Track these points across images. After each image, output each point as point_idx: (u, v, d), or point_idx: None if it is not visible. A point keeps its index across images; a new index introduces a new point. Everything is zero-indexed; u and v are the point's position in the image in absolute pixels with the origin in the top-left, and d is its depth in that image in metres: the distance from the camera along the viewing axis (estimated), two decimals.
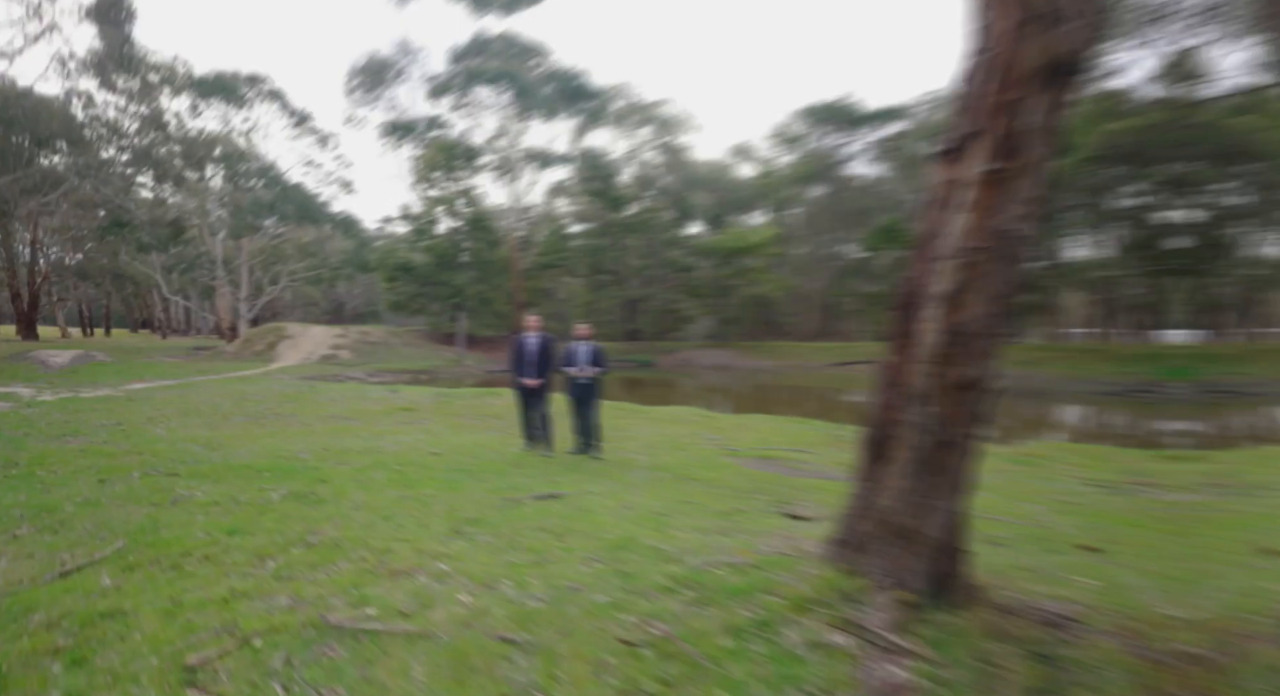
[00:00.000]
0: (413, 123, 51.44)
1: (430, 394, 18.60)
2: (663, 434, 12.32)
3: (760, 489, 7.92)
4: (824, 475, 8.88)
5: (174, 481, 7.08)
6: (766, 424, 13.67)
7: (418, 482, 7.56)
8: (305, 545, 4.98)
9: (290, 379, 25.96)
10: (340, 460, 8.80)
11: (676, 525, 5.87)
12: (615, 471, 8.72)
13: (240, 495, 6.53)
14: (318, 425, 12.67)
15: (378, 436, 11.32)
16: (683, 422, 13.90)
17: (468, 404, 16.68)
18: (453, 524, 5.65)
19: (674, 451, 10.46)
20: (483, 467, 8.61)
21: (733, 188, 61.07)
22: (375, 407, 15.66)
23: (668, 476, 8.49)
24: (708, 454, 10.25)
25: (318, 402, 16.69)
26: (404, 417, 14.19)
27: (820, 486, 8.11)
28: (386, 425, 12.99)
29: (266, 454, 9.15)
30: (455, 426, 13.00)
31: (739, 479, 8.43)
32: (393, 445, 10.35)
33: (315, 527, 5.44)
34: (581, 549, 4.89)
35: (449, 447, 10.25)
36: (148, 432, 10.96)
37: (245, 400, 16.80)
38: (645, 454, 10.20)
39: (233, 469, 7.84)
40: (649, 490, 7.62)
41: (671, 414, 15.20)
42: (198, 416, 13.50)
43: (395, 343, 43.75)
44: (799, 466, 9.41)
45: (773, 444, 11.21)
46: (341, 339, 40.04)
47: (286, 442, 10.33)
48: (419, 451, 9.80)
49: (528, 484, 7.67)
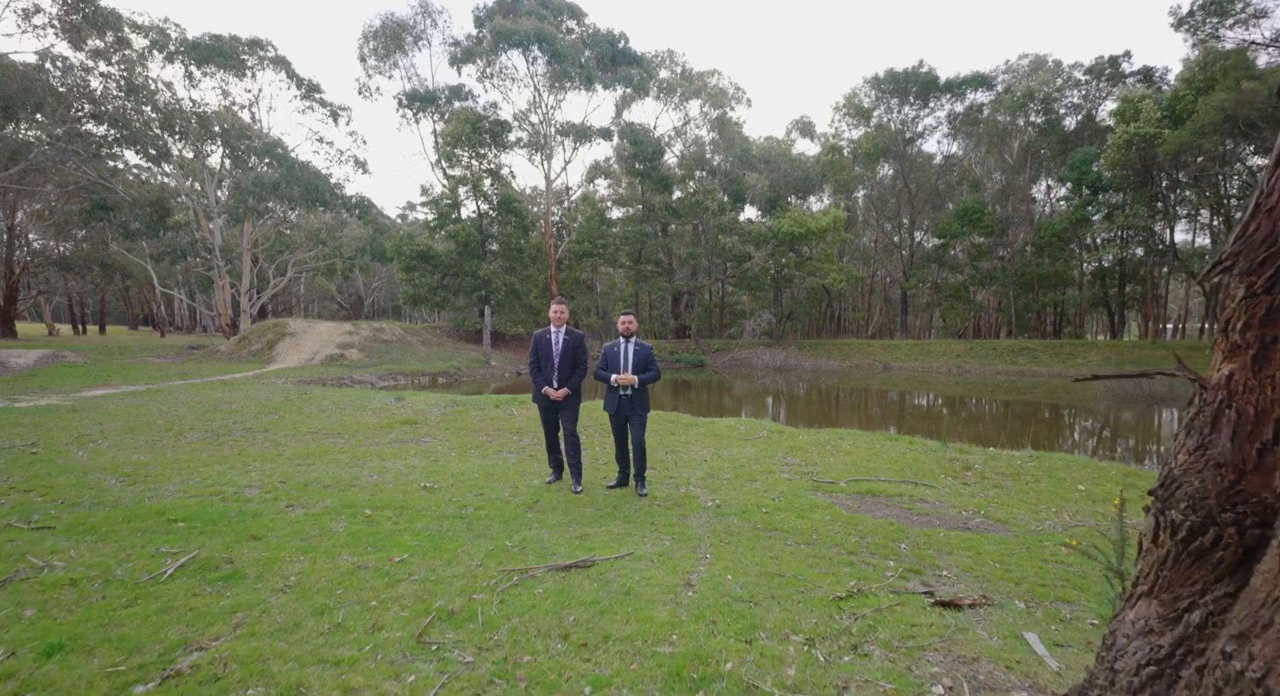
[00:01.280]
0: (433, 93, 50.17)
1: (442, 402, 16.96)
2: (727, 456, 10.50)
3: (877, 546, 6.10)
4: (958, 522, 7.00)
5: (37, 540, 5.49)
6: (854, 442, 11.76)
7: (390, 539, 5.92)
8: (161, 678, 3.26)
9: (284, 383, 24.58)
10: (296, 500, 7.21)
11: (771, 625, 4.23)
12: (669, 516, 6.95)
13: (119, 566, 4.93)
14: (290, 445, 11.07)
15: (360, 462, 9.66)
16: (750, 440, 12.05)
17: (485, 415, 15.00)
18: (421, 624, 3.98)
19: (745, 483, 8.64)
20: (487, 512, 6.93)
21: (791, 168, 58.79)
22: (370, 420, 14.04)
23: (742, 524, 6.69)
24: (790, 487, 8.42)
25: (303, 413, 15.13)
26: (403, 434, 12.54)
27: (960, 541, 6.25)
28: (378, 444, 11.34)
29: (201, 490, 7.60)
30: (464, 446, 11.30)
31: (842, 528, 6.60)
32: (375, 475, 8.69)
33: (200, 633, 3.83)
34: (623, 682, 3.49)
35: (449, 478, 8.55)
36: (62, 458, 9.44)
37: (215, 411, 15.30)
38: (707, 487, 8.40)
39: (136, 517, 6.24)
40: (719, 550, 5.87)
41: (734, 428, 13.32)
42: (144, 433, 11.99)
43: (413, 341, 42.35)
44: (917, 507, 7.55)
45: (871, 471, 9.34)
46: (351, 337, 38.67)
47: (237, 472, 8.74)
48: (407, 485, 8.13)
49: (546, 541, 5.98)
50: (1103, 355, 41.53)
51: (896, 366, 47.67)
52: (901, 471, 9.38)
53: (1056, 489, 8.50)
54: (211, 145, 43.37)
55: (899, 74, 57.12)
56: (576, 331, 8.40)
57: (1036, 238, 52.59)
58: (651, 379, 8.16)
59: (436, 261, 45.97)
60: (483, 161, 47.22)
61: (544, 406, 8.34)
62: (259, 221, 47.39)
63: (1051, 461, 10.06)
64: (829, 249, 56.83)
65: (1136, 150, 38.92)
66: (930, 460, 10.12)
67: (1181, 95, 37.75)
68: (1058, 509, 7.61)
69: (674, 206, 55.24)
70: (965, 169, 61.36)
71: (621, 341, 8.19)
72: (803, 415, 24.38)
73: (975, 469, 9.58)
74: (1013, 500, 7.96)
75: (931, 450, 10.95)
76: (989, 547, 6.13)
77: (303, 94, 49.57)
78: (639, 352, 8.14)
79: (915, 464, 9.87)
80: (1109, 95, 51.07)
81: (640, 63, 51.16)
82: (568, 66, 47.35)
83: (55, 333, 59.82)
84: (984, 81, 55.77)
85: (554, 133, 51.75)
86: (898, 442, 11.78)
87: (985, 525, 6.93)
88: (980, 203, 53.94)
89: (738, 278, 60.12)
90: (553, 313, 8.35)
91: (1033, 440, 18.22)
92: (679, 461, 10.06)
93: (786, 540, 6.24)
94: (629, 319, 8.23)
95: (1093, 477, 9.10)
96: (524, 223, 49.65)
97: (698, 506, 7.40)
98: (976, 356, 46.34)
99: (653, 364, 8.24)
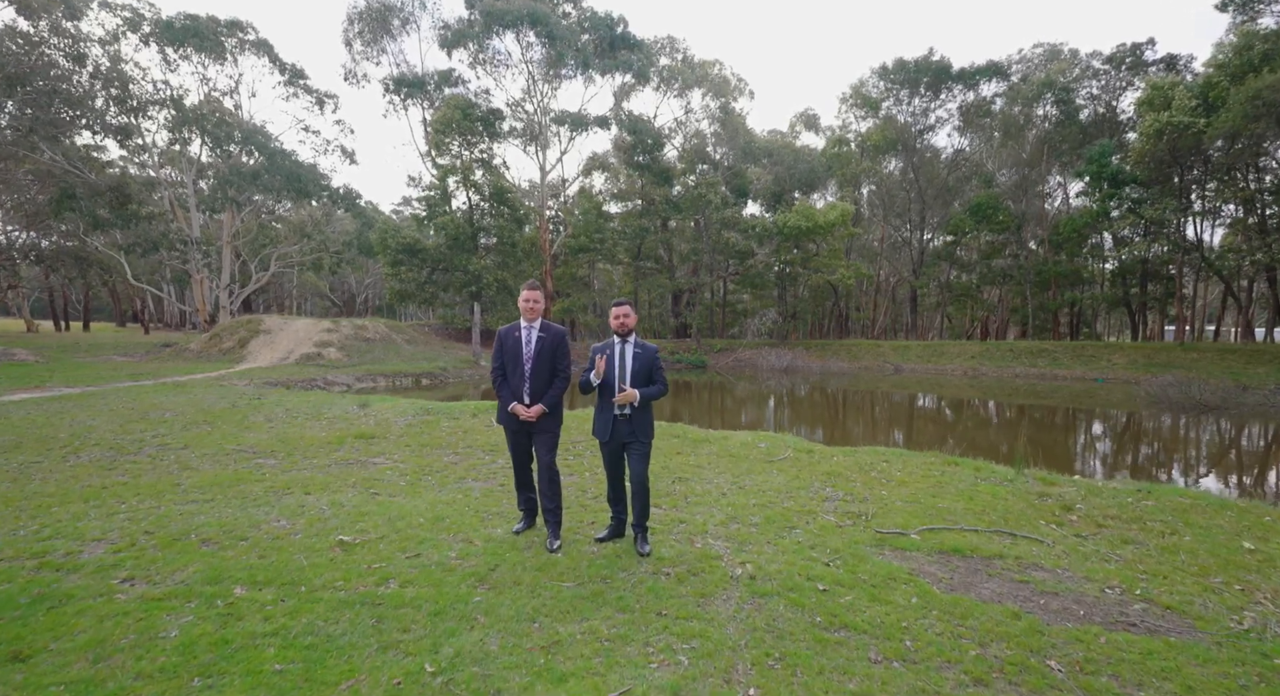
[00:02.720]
0: (421, 78, 47.89)
1: (411, 410, 14.72)
2: (750, 486, 8.31)
3: (1012, 664, 3.90)
4: (1110, 613, 4.78)
5: None
6: (905, 467, 9.54)
7: (242, 654, 3.80)
8: None
9: (245, 386, 22.29)
10: (146, 569, 5.11)
11: None
12: (683, 598, 4.76)
13: None
14: (201, 469, 8.85)
15: (276, 495, 7.45)
16: (774, 462, 9.84)
17: (458, 426, 12.79)
18: None
19: (781, 531, 6.44)
20: (416, 592, 4.73)
21: (796, 161, 56.47)
22: (319, 434, 11.80)
23: (794, 616, 4.48)
24: (843, 539, 6.22)
25: (243, 424, 12.89)
26: (352, 452, 10.32)
27: (1138, 653, 4.05)
28: (313, 467, 9.12)
29: (20, 549, 5.65)
30: (421, 469, 9.10)
31: (943, 623, 4.41)
32: (284, 519, 6.49)
33: None
34: None
35: (382, 524, 6.35)
36: None
37: (140, 421, 13.04)
38: (732, 539, 6.20)
39: None
40: (768, 679, 3.67)
41: (751, 445, 11.11)
42: (30, 451, 9.81)
43: (398, 339, 40.00)
44: (1034, 579, 5.36)
45: (943, 514, 7.14)
46: (330, 335, 36.23)
47: (99, 515, 6.59)
48: (320, 537, 5.94)
49: (490, 659, 3.82)
50: (1128, 357, 39.24)
51: (908, 368, 45.40)
52: (982, 514, 7.16)
53: (1210, 546, 6.24)
54: (189, 132, 41.07)
55: (909, 63, 54.78)
56: (556, 327, 6.20)
57: (1054, 234, 50.35)
58: (656, 395, 5.96)
59: (425, 255, 43.58)
60: (474, 150, 44.88)
61: (512, 430, 6.15)
62: (240, 213, 45.13)
63: (1170, 498, 7.81)
64: (837, 244, 54.67)
65: (1168, 140, 36.65)
66: (1012, 496, 7.91)
67: (1215, 81, 35.46)
68: (1240, 584, 5.36)
69: (675, 200, 52.89)
70: (976, 163, 59.15)
71: (616, 341, 5.98)
72: (825, 426, 21.96)
73: (1077, 511, 7.34)
74: (1164, 567, 5.70)
75: (1006, 479, 8.74)
76: (1192, 669, 3.91)
77: (286, 80, 47.33)
78: (641, 358, 5.94)
79: (994, 501, 7.66)
80: (1129, 85, 48.86)
81: (640, 48, 48.76)
82: (563, 49, 44.99)
83: (34, 329, 57.58)
84: (998, 71, 53.37)
85: (549, 122, 49.43)
86: (958, 467, 9.55)
87: (1155, 618, 4.67)
88: (994, 198, 51.70)
89: (740, 275, 57.88)
90: (523, 301, 6.11)
91: (1101, 459, 15.96)
92: (690, 495, 7.85)
93: (868, 650, 4.03)
94: (624, 310, 5.97)
95: (1247, 526, 6.86)
96: (518, 216, 47.27)
97: (723, 576, 5.20)
98: (992, 358, 44.07)
99: (659, 374, 6.01)
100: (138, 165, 45.20)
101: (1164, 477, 13.61)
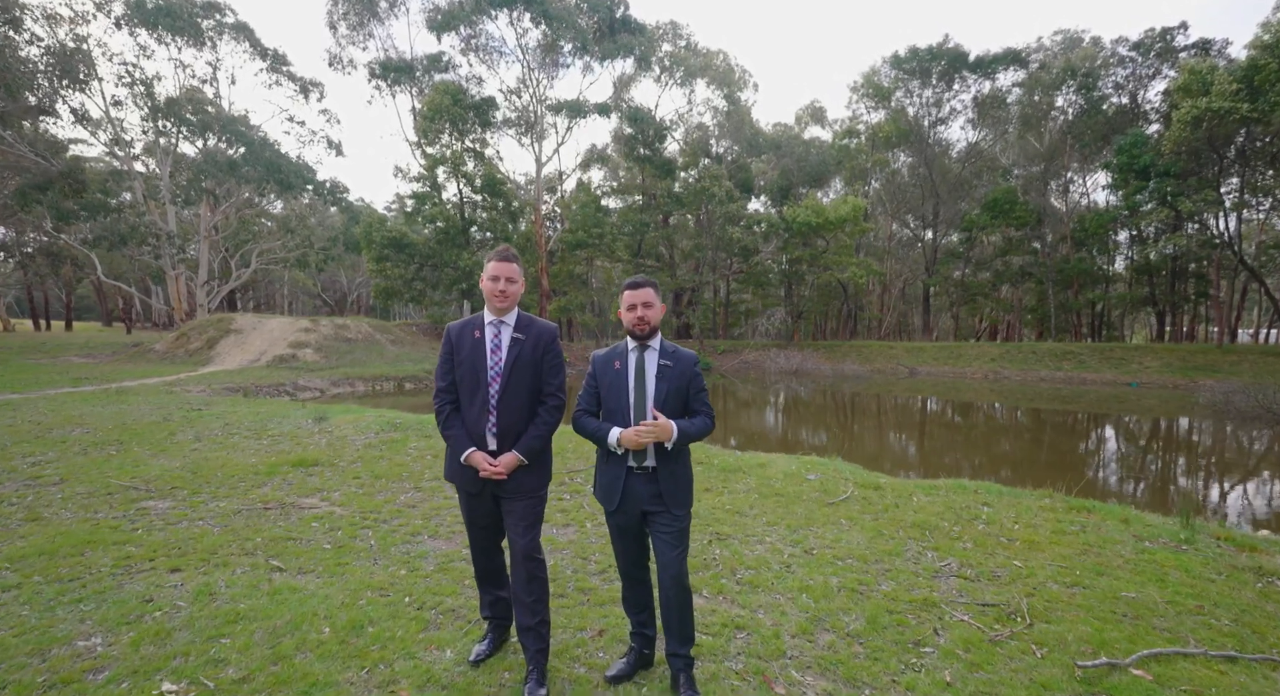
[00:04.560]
0: (409, 63, 45.40)
1: (378, 424, 12.26)
2: (817, 549, 5.88)
3: None
4: None
5: None
6: (1018, 515, 7.00)
7: None
8: None
9: (198, 392, 19.79)
10: None
11: None
12: None
13: None
14: (52, 520, 6.36)
15: (119, 577, 4.96)
16: (833, 502, 7.41)
17: (428, 448, 10.36)
18: None
19: (904, 655, 4.00)
20: None
21: (804, 153, 54.05)
22: (247, 461, 9.31)
23: None
24: (1015, 672, 3.80)
25: (161, 446, 10.38)
26: (279, 488, 7.87)
27: None
28: (214, 514, 6.66)
29: None
30: (362, 520, 6.65)
31: None
32: (93, 638, 4.01)
33: None
34: None
35: (255, 651, 3.88)
36: None
37: (33, 440, 10.51)
38: (830, 674, 3.77)
39: None
40: None
41: (798, 476, 8.68)
42: None
43: (382, 339, 37.31)
44: None
45: (1134, 609, 4.68)
46: (307, 335, 33.54)
47: None
48: (143, 671, 3.45)
49: None
50: (1161, 360, 36.72)
51: (924, 371, 42.87)
52: (1197, 612, 4.69)
53: None
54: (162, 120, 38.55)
55: (922, 51, 52.25)
56: (542, 323, 3.75)
57: (1078, 229, 47.86)
58: (699, 432, 3.48)
59: (412, 250, 41.07)
60: (465, 140, 42.38)
61: (469, 492, 3.70)
62: (218, 206, 42.60)
63: None
64: (847, 240, 52.29)
65: (1206, 128, 34.17)
66: (1204, 569, 5.45)
67: (1262, 63, 32.95)
68: None
69: (677, 195, 50.42)
70: (991, 157, 56.79)
71: (632, 347, 3.57)
72: (865, 442, 18.99)
73: None
74: None
75: (1177, 540, 6.26)
76: None
77: (268, 66, 44.88)
78: (672, 374, 3.52)
79: (1194, 582, 5.19)
80: (1157, 73, 46.38)
81: (642, 32, 46.30)
82: (560, 32, 42.51)
83: (10, 328, 55.09)
84: (1017, 58, 50.81)
85: (545, 111, 46.94)
86: (1093, 515, 7.06)
87: None
88: (1012, 192, 49.25)
89: (745, 273, 55.39)
90: (489, 280, 3.66)
91: (1243, 495, 12.98)
92: (740, 568, 5.39)
93: None
94: (644, 296, 3.53)
95: None
96: (511, 209, 44.79)
97: None
98: (1014, 361, 41.49)
99: (701, 397, 3.57)
100: (110, 156, 42.64)
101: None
